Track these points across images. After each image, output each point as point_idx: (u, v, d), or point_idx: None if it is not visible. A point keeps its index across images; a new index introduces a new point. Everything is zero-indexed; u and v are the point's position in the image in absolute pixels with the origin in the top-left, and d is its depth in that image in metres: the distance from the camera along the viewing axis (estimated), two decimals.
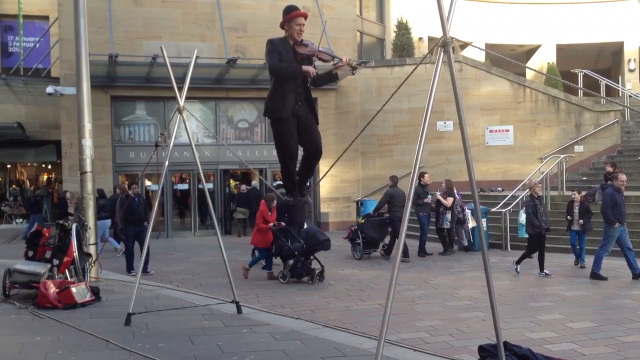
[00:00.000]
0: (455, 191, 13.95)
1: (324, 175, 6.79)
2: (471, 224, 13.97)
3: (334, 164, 6.16)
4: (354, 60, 16.49)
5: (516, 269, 10.80)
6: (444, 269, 11.60)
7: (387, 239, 13.29)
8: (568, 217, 11.79)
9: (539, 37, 28.62)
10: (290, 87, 5.08)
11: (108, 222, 13.88)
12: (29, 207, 19.55)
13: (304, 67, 5.01)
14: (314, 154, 5.38)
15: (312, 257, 10.44)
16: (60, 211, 16.21)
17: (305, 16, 5.15)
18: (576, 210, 11.70)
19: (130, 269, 11.18)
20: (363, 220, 13.16)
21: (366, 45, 24.99)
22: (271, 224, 10.69)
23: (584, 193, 12.41)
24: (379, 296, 8.86)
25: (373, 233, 12.85)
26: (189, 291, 9.27)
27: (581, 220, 11.59)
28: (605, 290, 9.40)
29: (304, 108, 5.23)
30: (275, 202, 10.92)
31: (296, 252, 10.26)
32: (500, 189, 17.73)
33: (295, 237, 10.72)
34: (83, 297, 7.94)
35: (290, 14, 5.07)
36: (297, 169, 5.43)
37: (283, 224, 10.82)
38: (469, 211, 13.96)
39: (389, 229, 13.08)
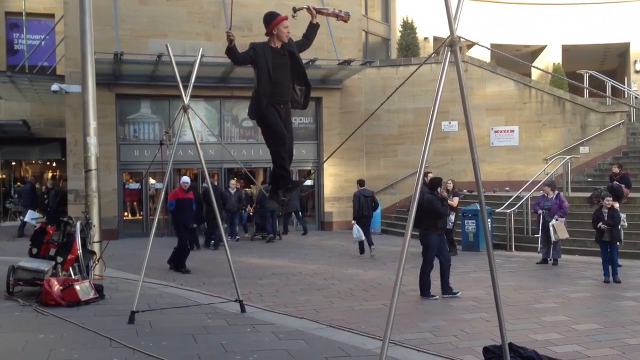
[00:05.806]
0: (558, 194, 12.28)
1: (327, 159, 6.78)
2: (558, 234, 11.65)
3: (334, 152, 6.17)
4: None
5: None
6: None
7: None
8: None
9: (544, 37, 28.50)
10: (267, 88, 5.40)
11: None
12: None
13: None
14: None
15: None
16: (207, 204, 15.59)
17: (287, 19, 5.56)
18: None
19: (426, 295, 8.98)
20: (254, 210, 16.77)
21: (371, 45, 24.93)
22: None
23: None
24: (382, 296, 8.85)
25: (259, 220, 16.65)
26: (192, 290, 9.27)
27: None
28: (610, 292, 9.36)
29: (285, 111, 5.58)
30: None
31: None
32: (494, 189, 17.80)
33: None
34: (87, 295, 7.95)
35: (276, 20, 5.48)
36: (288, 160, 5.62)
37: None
38: (559, 220, 11.84)
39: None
